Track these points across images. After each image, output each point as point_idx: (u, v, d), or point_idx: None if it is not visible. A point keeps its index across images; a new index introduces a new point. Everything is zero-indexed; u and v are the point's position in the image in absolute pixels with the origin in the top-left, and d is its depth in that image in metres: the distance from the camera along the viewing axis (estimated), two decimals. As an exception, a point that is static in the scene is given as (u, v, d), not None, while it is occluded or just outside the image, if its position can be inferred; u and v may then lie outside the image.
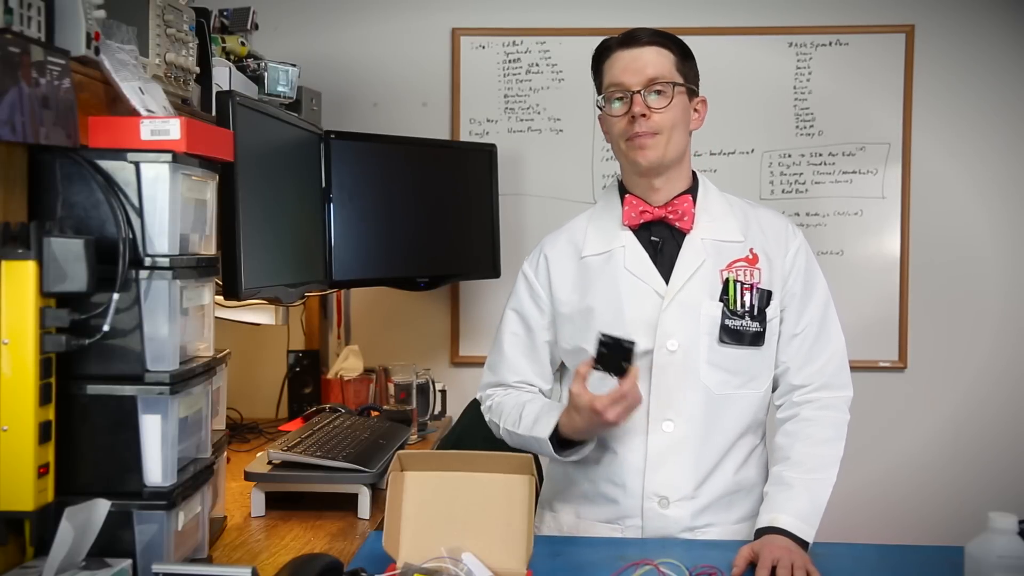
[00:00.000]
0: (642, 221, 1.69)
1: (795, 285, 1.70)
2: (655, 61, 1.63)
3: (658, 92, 1.62)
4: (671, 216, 1.68)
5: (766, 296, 1.67)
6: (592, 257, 1.72)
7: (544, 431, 1.62)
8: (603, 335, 1.53)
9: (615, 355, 1.51)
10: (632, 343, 1.51)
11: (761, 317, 1.66)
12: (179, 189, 1.28)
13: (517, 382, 1.78)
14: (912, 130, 3.07)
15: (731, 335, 1.65)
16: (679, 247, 1.68)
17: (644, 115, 1.61)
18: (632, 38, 1.65)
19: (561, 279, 1.74)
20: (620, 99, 1.64)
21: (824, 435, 1.65)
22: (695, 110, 1.70)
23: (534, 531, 1.46)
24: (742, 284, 1.66)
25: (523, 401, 1.73)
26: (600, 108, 1.70)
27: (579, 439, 1.63)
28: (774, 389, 1.73)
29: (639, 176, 1.69)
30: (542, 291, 1.76)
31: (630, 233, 1.70)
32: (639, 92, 1.61)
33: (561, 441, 1.63)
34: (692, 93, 1.69)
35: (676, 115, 1.64)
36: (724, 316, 1.65)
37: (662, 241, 1.69)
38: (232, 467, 1.99)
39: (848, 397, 1.70)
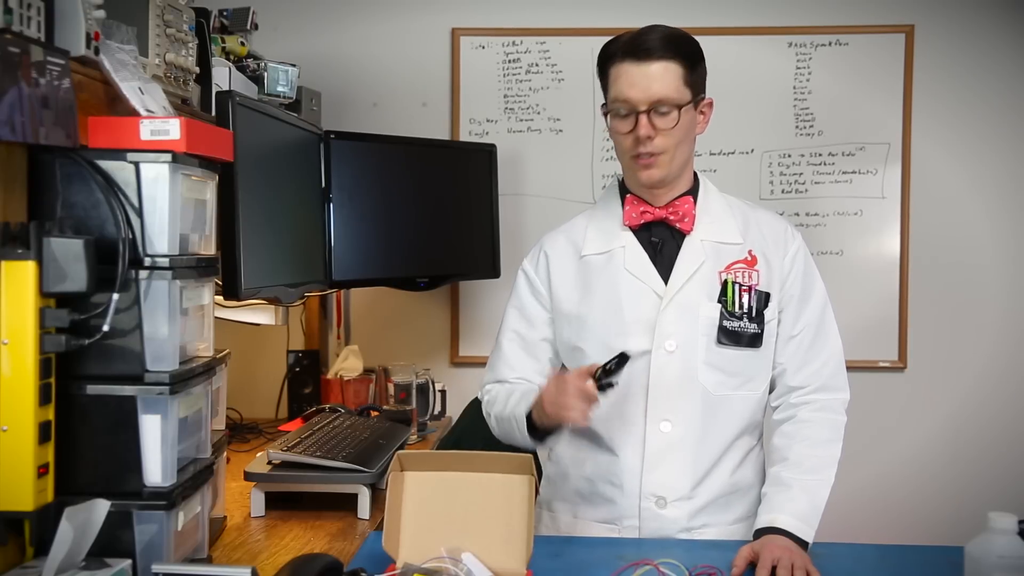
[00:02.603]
0: (643, 221, 1.69)
1: (793, 287, 1.70)
2: (662, 78, 1.58)
3: (663, 113, 1.59)
4: (672, 217, 1.68)
5: (764, 298, 1.67)
6: (592, 257, 1.72)
7: (522, 411, 1.63)
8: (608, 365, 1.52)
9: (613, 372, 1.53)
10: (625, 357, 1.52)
11: (759, 319, 1.66)
12: (179, 189, 1.28)
13: (516, 379, 1.77)
14: (912, 130, 3.07)
15: (729, 336, 1.65)
16: (679, 248, 1.68)
17: (649, 136, 1.59)
18: (640, 49, 1.58)
19: (561, 278, 1.74)
20: (625, 116, 1.61)
21: (822, 436, 1.65)
22: (701, 112, 1.67)
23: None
24: (740, 286, 1.66)
25: (513, 389, 1.73)
26: (605, 111, 1.69)
27: (547, 426, 1.61)
28: (771, 390, 1.73)
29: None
30: (543, 288, 1.76)
31: (630, 233, 1.70)
32: (645, 112, 1.58)
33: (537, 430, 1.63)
34: (699, 101, 1.65)
35: (682, 134, 1.61)
36: (722, 317, 1.65)
37: (662, 242, 1.69)
38: (232, 467, 1.99)
39: (845, 399, 1.70)
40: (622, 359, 1.51)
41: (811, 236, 3.06)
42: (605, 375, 1.51)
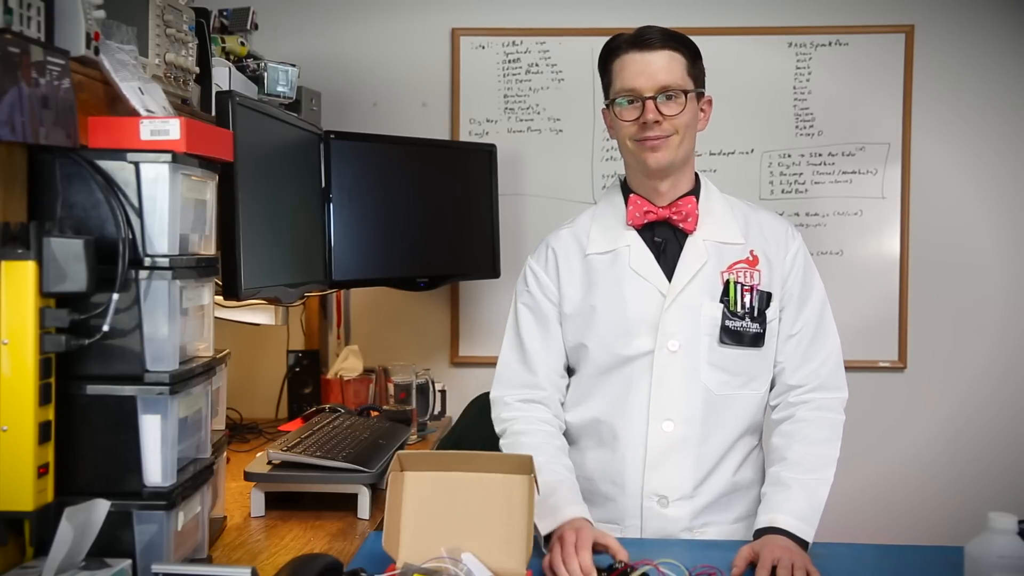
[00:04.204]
0: (646, 221, 1.69)
1: (793, 286, 1.70)
2: (668, 66, 1.62)
3: (669, 97, 1.62)
4: (675, 217, 1.69)
5: (766, 298, 1.67)
6: (596, 256, 1.72)
7: (543, 529, 1.52)
8: None
9: None
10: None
11: (761, 318, 1.66)
12: (179, 189, 1.28)
13: (547, 374, 1.72)
14: (912, 130, 3.07)
15: (731, 336, 1.65)
16: (681, 248, 1.69)
17: (657, 121, 1.61)
18: (644, 40, 1.63)
19: (569, 276, 1.74)
20: (631, 104, 1.63)
21: (821, 435, 1.65)
22: (701, 110, 1.70)
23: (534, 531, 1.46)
24: (742, 286, 1.67)
25: (538, 464, 1.52)
26: (606, 107, 1.70)
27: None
28: (771, 389, 1.73)
29: (645, 176, 1.69)
30: (551, 284, 1.75)
31: (634, 232, 1.71)
32: (651, 98, 1.61)
33: None
34: (699, 95, 1.68)
35: (687, 119, 1.64)
36: (724, 317, 1.65)
37: (665, 242, 1.70)
38: (232, 467, 1.99)
39: (843, 399, 1.70)
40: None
41: (811, 236, 3.06)
42: None
